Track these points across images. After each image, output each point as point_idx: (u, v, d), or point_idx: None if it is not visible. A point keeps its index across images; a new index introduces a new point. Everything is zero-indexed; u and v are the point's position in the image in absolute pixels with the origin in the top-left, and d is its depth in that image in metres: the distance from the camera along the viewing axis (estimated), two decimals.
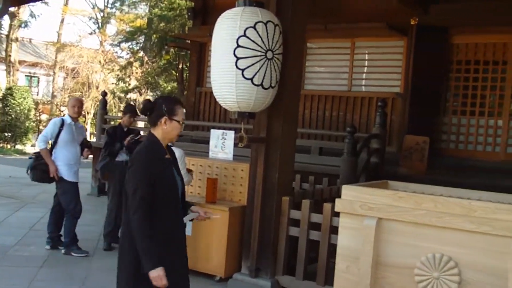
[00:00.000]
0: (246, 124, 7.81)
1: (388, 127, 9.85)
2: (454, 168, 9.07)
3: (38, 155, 6.81)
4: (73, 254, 6.78)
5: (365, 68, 10.72)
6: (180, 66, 22.71)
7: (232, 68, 5.11)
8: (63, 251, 6.89)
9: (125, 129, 7.48)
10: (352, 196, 4.38)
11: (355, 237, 4.30)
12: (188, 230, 6.26)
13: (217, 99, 5.46)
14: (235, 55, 5.10)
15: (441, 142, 9.78)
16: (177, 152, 5.93)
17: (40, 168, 6.76)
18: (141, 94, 27.98)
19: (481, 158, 9.34)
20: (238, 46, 5.08)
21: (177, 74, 23.10)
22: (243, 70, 5.10)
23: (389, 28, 9.45)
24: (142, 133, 8.61)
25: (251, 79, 5.13)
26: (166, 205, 3.42)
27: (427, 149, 8.50)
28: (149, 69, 25.91)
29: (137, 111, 7.88)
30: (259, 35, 5.12)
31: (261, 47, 5.13)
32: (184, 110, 3.62)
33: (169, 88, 25.92)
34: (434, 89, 9.64)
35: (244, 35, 5.09)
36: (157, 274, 3.27)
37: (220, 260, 6.17)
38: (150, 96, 28.51)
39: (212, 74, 5.41)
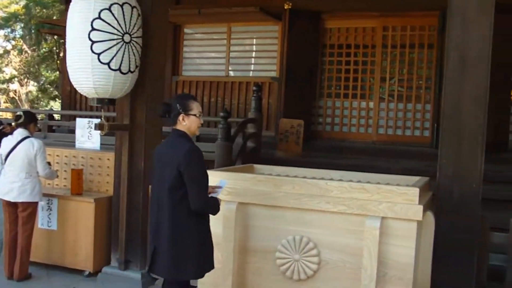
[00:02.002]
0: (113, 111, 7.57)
1: (266, 111, 9.95)
2: (329, 149, 9.26)
3: None
4: None
5: (242, 53, 10.71)
6: (62, 54, 21.70)
7: (88, 52, 4.85)
8: None
9: None
10: (212, 182, 4.26)
11: (217, 223, 4.21)
12: (53, 224, 5.99)
13: (74, 85, 5.17)
14: (90, 39, 4.83)
15: (317, 124, 9.96)
16: (36, 143, 5.62)
17: None
18: (22, 85, 26.54)
19: (355, 139, 9.61)
20: (93, 29, 4.82)
21: (59, 62, 22.05)
22: (99, 54, 4.85)
23: (263, 12, 9.45)
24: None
25: (108, 64, 4.89)
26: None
27: (303, 132, 8.59)
28: (29, 58, 24.57)
29: None
30: (115, 18, 4.88)
31: (118, 30, 4.90)
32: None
33: (52, 77, 24.73)
34: (309, 72, 9.79)
35: (99, 18, 4.84)
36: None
37: (88, 254, 5.90)
38: (33, 86, 27.13)
39: (67, 59, 5.13)
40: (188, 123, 3.76)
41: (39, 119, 8.81)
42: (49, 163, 5.91)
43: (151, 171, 4.02)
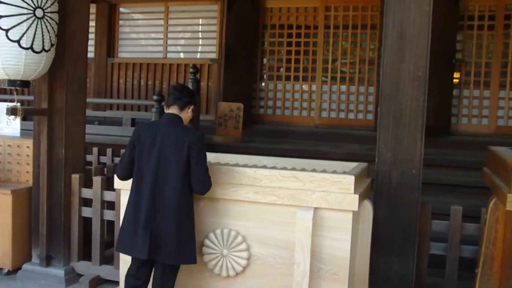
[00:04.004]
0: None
1: (205, 95, 9.63)
2: (271, 134, 8.98)
3: None
4: None
5: (180, 33, 10.27)
6: None
7: None
8: None
9: None
10: None
11: None
12: None
13: None
14: None
15: (258, 108, 9.64)
16: None
17: None
18: None
19: (297, 123, 9.33)
20: (0, 2, 4.33)
21: None
22: (7, 30, 4.35)
23: None
24: None
25: (18, 41, 4.40)
26: None
27: (242, 116, 8.26)
28: None
29: None
30: None
31: (28, 4, 4.41)
32: None
33: None
34: (249, 54, 9.41)
35: None
36: None
37: (5, 250, 5.42)
38: None
39: None
40: (189, 115, 3.93)
41: None
42: None
43: (139, 152, 3.77)
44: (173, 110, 3.86)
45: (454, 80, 8.55)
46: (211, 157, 4.71)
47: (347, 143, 8.33)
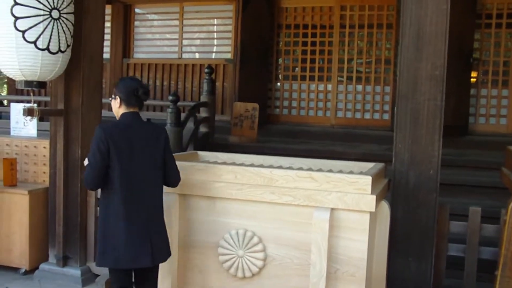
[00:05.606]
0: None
1: (221, 95, 9.62)
2: (286, 134, 8.95)
3: None
4: None
5: (195, 34, 10.28)
6: None
7: (11, 29, 4.36)
8: None
9: None
10: None
11: None
12: None
13: None
14: (13, 14, 4.35)
15: (274, 108, 9.61)
16: None
17: None
18: None
19: (313, 123, 9.29)
20: (16, 3, 4.34)
21: None
22: (24, 32, 4.37)
23: None
24: None
25: (34, 42, 4.41)
26: None
27: (257, 116, 8.23)
28: None
29: None
30: None
31: (44, 5, 4.42)
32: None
33: None
34: (264, 54, 9.40)
35: None
36: None
37: (23, 250, 5.46)
38: None
39: None
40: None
41: None
42: None
43: (118, 156, 3.38)
44: (133, 108, 3.56)
45: (472, 79, 8.46)
46: (226, 157, 4.71)
47: (363, 143, 8.28)
